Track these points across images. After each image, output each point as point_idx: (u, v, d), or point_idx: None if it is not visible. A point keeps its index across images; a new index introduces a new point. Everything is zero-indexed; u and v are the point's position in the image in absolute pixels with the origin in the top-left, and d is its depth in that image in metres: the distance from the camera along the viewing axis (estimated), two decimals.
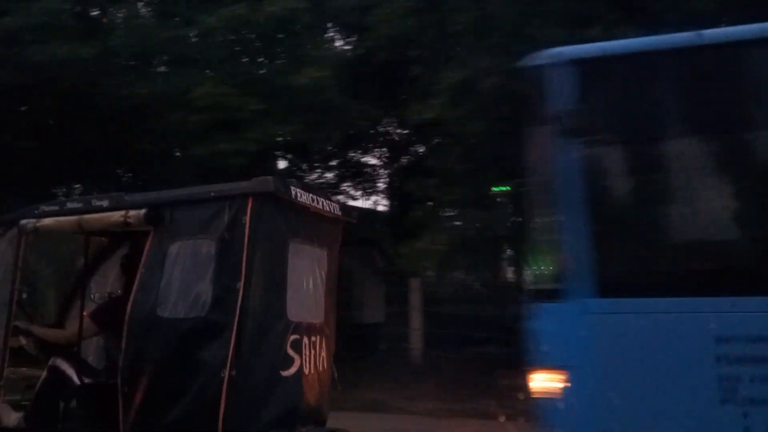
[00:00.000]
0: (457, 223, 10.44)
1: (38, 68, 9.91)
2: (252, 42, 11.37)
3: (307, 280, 4.11)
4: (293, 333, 3.85)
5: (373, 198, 17.36)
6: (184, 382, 3.61)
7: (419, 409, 8.91)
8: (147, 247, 3.92)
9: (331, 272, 4.38)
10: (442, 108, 9.24)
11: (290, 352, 3.81)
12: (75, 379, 4.28)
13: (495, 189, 10.58)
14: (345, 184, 16.47)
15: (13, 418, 4.49)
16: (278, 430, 3.71)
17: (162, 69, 11.81)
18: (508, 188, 9.39)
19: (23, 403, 4.58)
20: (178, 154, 12.20)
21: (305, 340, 3.94)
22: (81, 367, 4.34)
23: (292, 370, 3.82)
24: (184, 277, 3.79)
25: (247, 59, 11.47)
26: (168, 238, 3.88)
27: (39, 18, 10.05)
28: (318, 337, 4.10)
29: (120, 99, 10.52)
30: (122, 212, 3.95)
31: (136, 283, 3.89)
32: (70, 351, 4.44)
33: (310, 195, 4.06)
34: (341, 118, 11.38)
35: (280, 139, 11.39)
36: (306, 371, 3.92)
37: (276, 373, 3.74)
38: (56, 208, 4.30)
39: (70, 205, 4.28)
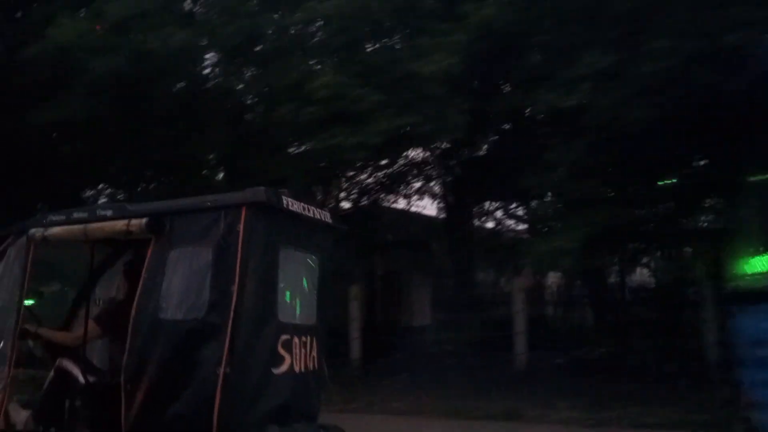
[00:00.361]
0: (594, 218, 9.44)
1: (149, 57, 9.82)
2: (372, 27, 10.62)
3: (299, 284, 4.38)
4: (284, 333, 4.10)
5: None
6: (182, 379, 3.87)
7: (561, 418, 8.39)
8: (149, 254, 4.19)
9: (324, 277, 4.63)
10: (587, 94, 8.57)
11: (281, 351, 4.07)
12: (80, 379, 4.54)
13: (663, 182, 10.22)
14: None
15: (22, 416, 4.75)
16: (270, 425, 3.96)
17: (266, 59, 11.15)
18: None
19: (32, 401, 4.85)
20: (294, 148, 11.56)
21: (296, 340, 4.19)
22: (86, 367, 4.60)
23: (283, 368, 4.07)
24: (183, 281, 4.05)
25: (368, 46, 10.81)
26: (168, 245, 4.14)
27: (143, 5, 9.97)
28: (309, 338, 4.35)
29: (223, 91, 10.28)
30: (125, 221, 4.22)
31: (140, 287, 4.15)
32: (76, 352, 4.70)
33: (302, 204, 4.33)
34: (461, 109, 10.36)
35: (401, 131, 10.47)
36: (297, 370, 4.17)
37: (268, 371, 4.00)
38: (63, 217, 4.56)
39: (76, 214, 4.54)
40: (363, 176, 15.68)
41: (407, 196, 16.87)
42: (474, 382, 10.41)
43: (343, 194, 14.82)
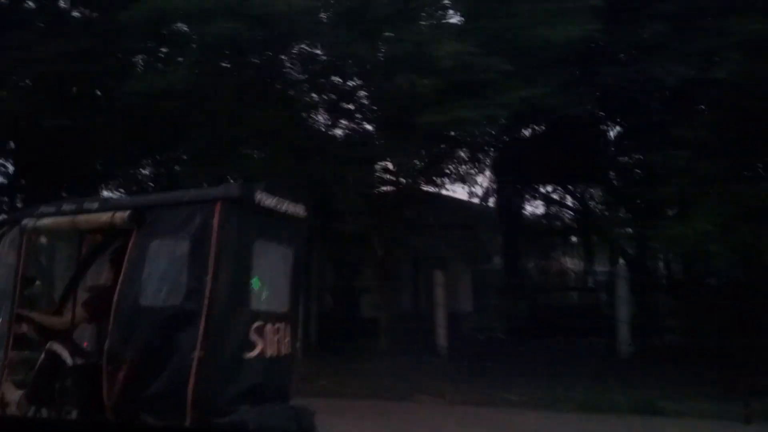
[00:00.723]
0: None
1: (270, 21, 9.40)
2: None
3: (271, 274, 4.65)
4: (257, 320, 4.39)
5: None
6: (160, 361, 4.17)
7: (702, 411, 7.91)
8: (131, 245, 4.48)
9: (297, 267, 4.92)
10: (737, 65, 7.86)
11: (253, 336, 4.36)
12: (69, 360, 4.85)
13: None
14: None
15: (15, 395, 5.07)
16: (242, 405, 4.25)
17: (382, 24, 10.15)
18: None
19: (25, 382, 5.17)
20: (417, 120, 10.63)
21: (268, 326, 4.48)
22: (74, 349, 4.91)
23: (255, 352, 4.37)
24: (162, 271, 4.34)
25: (493, 12, 9.74)
26: (149, 236, 4.43)
27: None
28: (281, 324, 4.64)
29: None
30: (109, 214, 4.51)
31: (122, 275, 4.45)
32: (66, 335, 5.01)
33: (275, 199, 4.60)
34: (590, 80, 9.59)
35: (529, 104, 9.39)
36: (268, 354, 4.46)
37: (240, 355, 4.29)
38: (53, 209, 4.86)
39: (65, 206, 4.84)
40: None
41: (457, 179, 15.93)
42: (579, 370, 10.11)
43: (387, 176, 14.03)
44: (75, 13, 12.80)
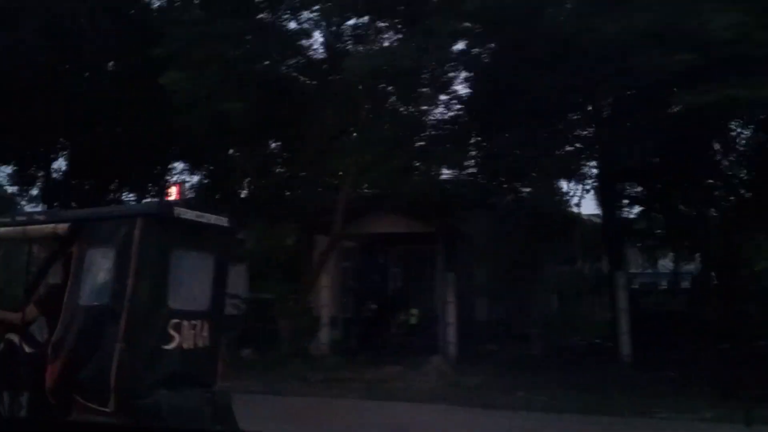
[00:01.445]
0: None
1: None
2: None
3: (191, 278, 5.41)
4: (174, 317, 5.15)
5: None
6: (91, 351, 4.95)
7: None
8: (74, 252, 5.26)
9: (219, 271, 5.66)
10: None
11: (171, 331, 5.12)
12: (23, 349, 5.64)
13: None
14: None
15: None
16: (161, 389, 5.01)
17: None
18: None
19: None
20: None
21: (185, 323, 5.23)
22: (28, 340, 5.70)
23: (172, 345, 5.12)
24: (96, 275, 5.12)
25: None
26: (86, 245, 5.21)
27: None
28: (200, 321, 5.39)
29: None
30: (52, 225, 5.29)
31: (70, 278, 5.23)
32: (21, 328, 5.80)
33: (195, 213, 5.35)
34: None
35: None
36: (185, 346, 5.22)
37: (159, 347, 5.05)
38: (9, 219, 5.66)
39: (18, 217, 5.63)
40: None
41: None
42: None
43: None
44: None
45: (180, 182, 20.35)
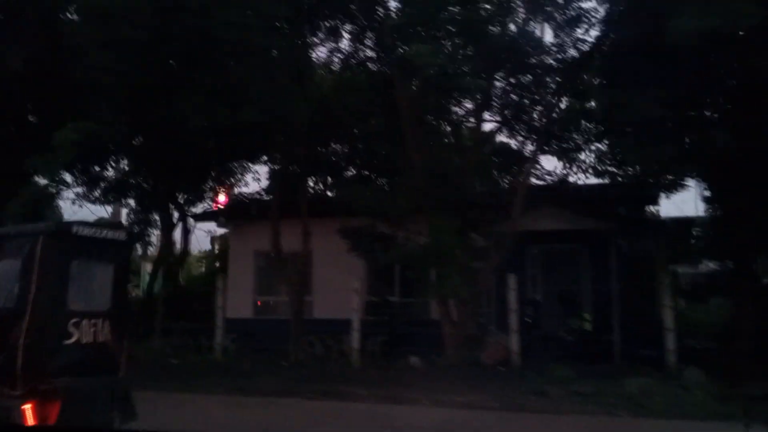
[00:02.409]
0: None
1: None
2: None
3: (90, 284, 6.46)
4: (73, 317, 6.19)
5: None
6: (4, 344, 5.99)
7: None
8: None
9: (117, 278, 6.71)
10: None
11: (71, 329, 6.16)
12: None
13: None
14: None
15: None
16: (63, 377, 6.06)
17: None
18: None
19: None
20: None
21: (84, 321, 6.27)
22: None
23: (72, 340, 6.17)
24: (7, 282, 6.16)
25: None
26: (2, 257, 6.26)
27: None
28: (99, 320, 6.43)
29: None
30: None
31: None
32: None
33: (93, 229, 6.40)
34: None
35: None
36: (84, 341, 6.26)
37: (60, 342, 6.10)
38: None
39: None
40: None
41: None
42: None
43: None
44: None
45: (229, 185, 21.59)
